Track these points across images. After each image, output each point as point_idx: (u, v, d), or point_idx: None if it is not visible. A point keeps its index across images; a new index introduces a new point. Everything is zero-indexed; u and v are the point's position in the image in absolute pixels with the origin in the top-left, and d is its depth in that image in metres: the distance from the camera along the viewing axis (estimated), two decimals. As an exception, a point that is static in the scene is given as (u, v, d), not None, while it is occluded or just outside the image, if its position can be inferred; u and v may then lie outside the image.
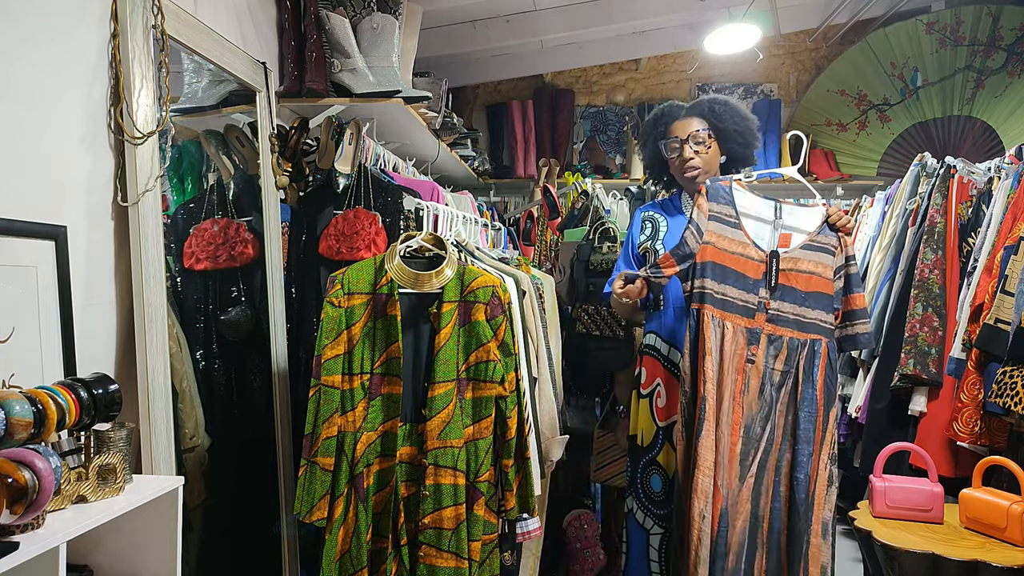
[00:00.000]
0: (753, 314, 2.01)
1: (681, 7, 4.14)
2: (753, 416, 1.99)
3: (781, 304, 2.02)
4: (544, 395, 2.26)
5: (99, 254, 1.56)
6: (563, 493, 3.12)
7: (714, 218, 2.05)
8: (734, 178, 2.11)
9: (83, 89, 1.51)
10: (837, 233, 2.08)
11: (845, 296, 2.08)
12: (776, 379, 2.00)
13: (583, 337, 2.80)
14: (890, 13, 4.64)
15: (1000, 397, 2.09)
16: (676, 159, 2.29)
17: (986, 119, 4.63)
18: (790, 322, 2.01)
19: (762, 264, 2.03)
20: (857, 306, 2.08)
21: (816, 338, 2.01)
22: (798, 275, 2.03)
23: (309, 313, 2.23)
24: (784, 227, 2.07)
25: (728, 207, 2.06)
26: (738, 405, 1.98)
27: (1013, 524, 1.91)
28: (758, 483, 1.98)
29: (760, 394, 2.00)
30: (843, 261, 2.08)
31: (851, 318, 2.09)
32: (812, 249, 2.05)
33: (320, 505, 1.74)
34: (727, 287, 2.02)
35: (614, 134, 5.20)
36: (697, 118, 2.28)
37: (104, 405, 1.26)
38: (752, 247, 2.05)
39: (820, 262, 2.04)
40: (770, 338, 2.01)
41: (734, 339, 2.00)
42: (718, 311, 2.01)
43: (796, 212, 2.08)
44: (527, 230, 4.01)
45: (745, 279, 2.03)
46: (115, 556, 1.35)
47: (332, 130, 2.33)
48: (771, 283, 2.01)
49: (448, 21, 3.86)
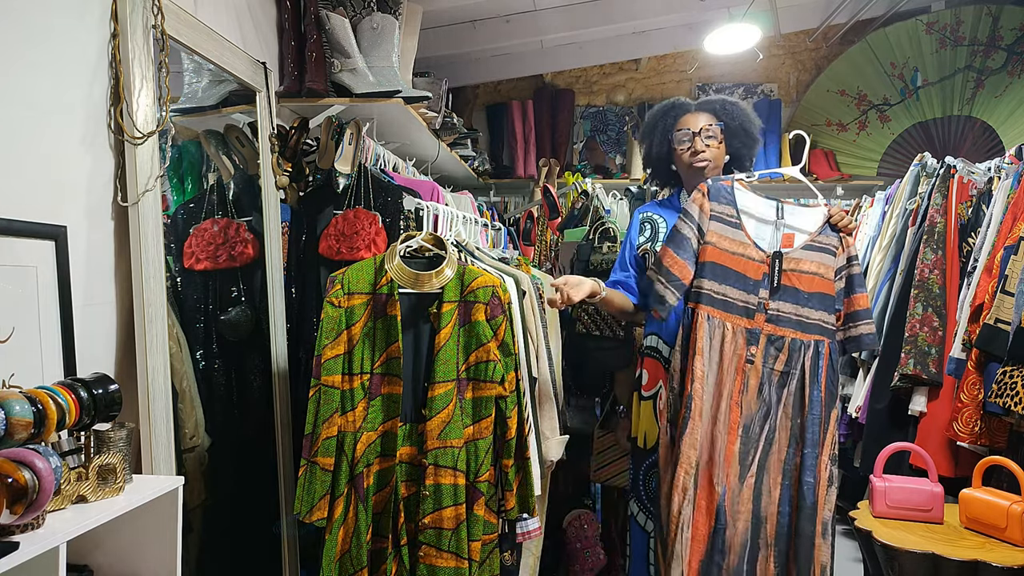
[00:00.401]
0: (752, 314, 2.01)
1: (681, 7, 4.14)
2: (752, 416, 1.99)
3: (781, 304, 2.01)
4: (544, 395, 2.26)
5: (99, 254, 1.56)
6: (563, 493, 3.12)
7: (715, 218, 2.04)
8: (736, 178, 2.10)
9: (83, 89, 1.51)
10: (839, 234, 2.07)
11: (847, 297, 2.07)
12: (775, 379, 2.00)
13: (583, 337, 2.80)
14: (890, 13, 4.64)
15: (1000, 397, 2.09)
16: (687, 150, 2.27)
17: (986, 119, 4.63)
18: (791, 323, 2.01)
19: (763, 265, 2.03)
20: (860, 306, 2.07)
21: (819, 339, 2.01)
22: (800, 275, 2.02)
23: (309, 313, 2.23)
24: (787, 227, 2.06)
25: (729, 207, 2.06)
26: (736, 405, 1.98)
27: (1013, 524, 1.91)
28: (759, 483, 1.98)
29: (759, 394, 1.99)
30: (844, 262, 2.07)
31: (854, 319, 2.08)
32: (814, 249, 2.04)
33: (320, 505, 1.74)
34: (727, 287, 2.01)
35: (614, 134, 5.20)
36: (708, 114, 2.28)
37: (104, 405, 1.26)
38: (753, 247, 2.04)
39: (822, 263, 2.03)
40: (770, 338, 2.00)
41: (734, 340, 1.99)
42: (718, 312, 2.00)
43: (798, 212, 2.08)
44: (527, 230, 4.01)
45: (746, 280, 2.02)
46: (115, 556, 1.35)
47: (332, 130, 2.33)
48: (774, 284, 2.01)
49: (448, 21, 3.86)
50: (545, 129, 5.06)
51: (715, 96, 2.36)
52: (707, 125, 2.25)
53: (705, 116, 2.28)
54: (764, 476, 1.98)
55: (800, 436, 1.98)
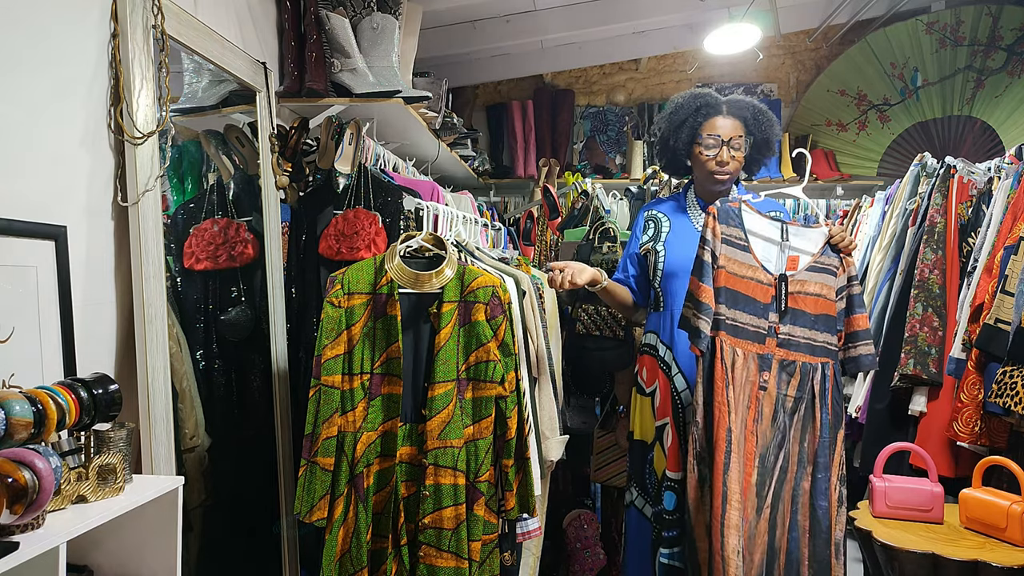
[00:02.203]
0: (764, 339, 1.96)
1: (681, 7, 4.14)
2: (768, 445, 1.94)
3: (792, 328, 1.97)
4: (544, 395, 2.26)
5: (99, 254, 1.56)
6: (563, 493, 3.12)
7: (726, 241, 1.99)
8: (743, 199, 2.07)
9: (83, 89, 1.51)
10: (839, 254, 2.04)
11: (847, 317, 2.04)
12: (789, 405, 1.95)
13: (583, 337, 2.80)
14: (890, 13, 4.64)
15: (1000, 397, 2.09)
16: (712, 158, 2.21)
17: (986, 119, 4.63)
18: (801, 346, 1.97)
19: (771, 288, 1.98)
20: (860, 327, 2.04)
21: (826, 361, 1.98)
22: (806, 298, 1.99)
23: (309, 313, 2.23)
24: (792, 249, 2.02)
25: (738, 229, 2.01)
26: (751, 434, 1.93)
27: (1013, 524, 1.91)
28: (774, 513, 1.94)
29: (773, 422, 1.95)
30: (845, 282, 2.04)
31: (854, 340, 2.04)
32: (817, 271, 2.01)
33: (320, 505, 1.74)
34: (738, 312, 1.96)
35: (614, 134, 5.20)
36: (739, 122, 2.22)
37: (104, 405, 1.26)
38: (761, 271, 1.99)
39: (825, 283, 2.00)
40: (782, 364, 1.96)
41: (745, 366, 1.94)
42: (730, 338, 1.94)
43: (801, 233, 2.04)
44: (527, 230, 4.01)
45: (755, 303, 1.97)
46: (115, 556, 1.35)
47: (332, 130, 2.33)
48: (781, 307, 1.97)
49: (448, 21, 3.86)
50: (545, 129, 5.06)
51: (745, 99, 2.28)
52: (737, 136, 2.20)
53: (735, 124, 2.21)
54: (779, 506, 1.94)
55: (811, 460, 1.94)
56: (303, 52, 2.41)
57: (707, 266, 1.96)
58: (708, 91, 2.30)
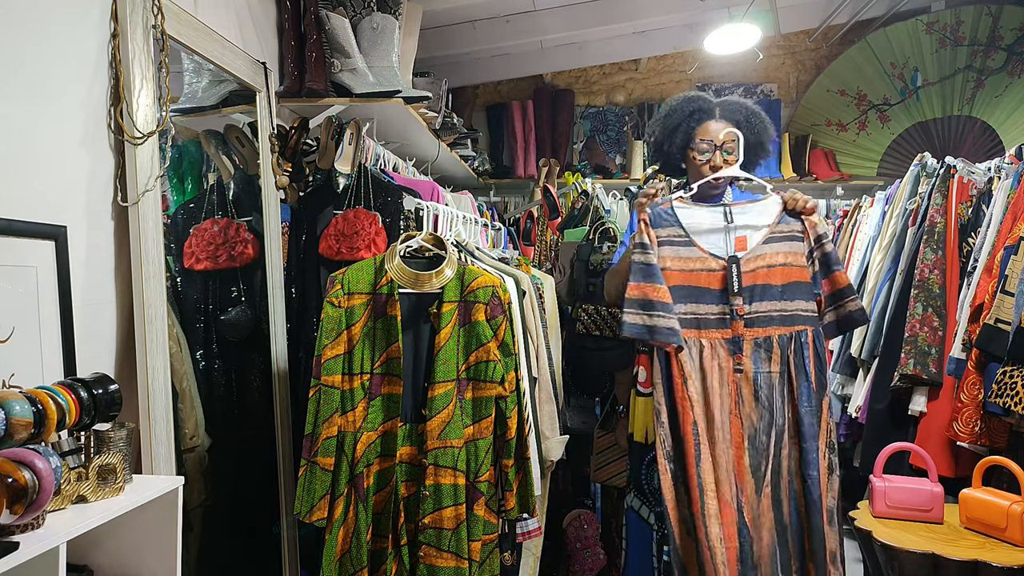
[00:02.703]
0: (728, 323, 1.98)
1: (681, 7, 4.14)
2: (756, 427, 1.96)
3: (758, 305, 1.98)
4: (544, 395, 2.26)
5: (99, 254, 1.56)
6: (563, 493, 3.13)
7: (664, 243, 2.01)
8: (672, 197, 2.07)
9: (83, 89, 1.51)
10: (800, 217, 2.03)
11: (826, 278, 2.02)
12: (775, 381, 1.97)
13: (583, 337, 2.80)
14: (890, 13, 4.64)
15: (1000, 397, 2.09)
16: (705, 163, 2.21)
17: (986, 119, 4.63)
18: (773, 320, 1.98)
19: (723, 272, 2.00)
20: (842, 284, 2.01)
21: (801, 329, 1.98)
22: (770, 271, 1.99)
23: (309, 313, 2.23)
24: (738, 229, 2.02)
25: (675, 228, 2.03)
26: (735, 418, 1.95)
27: (1013, 524, 1.91)
28: (776, 490, 1.95)
29: (756, 401, 1.97)
30: (813, 243, 2.02)
31: (840, 297, 2.02)
32: (777, 240, 2.00)
33: (320, 505, 1.74)
34: (695, 305, 1.99)
35: (614, 134, 5.20)
36: (732, 125, 2.21)
37: (104, 405, 1.26)
38: (711, 259, 2.01)
39: (790, 251, 2.00)
40: (756, 342, 1.98)
41: (715, 354, 1.96)
42: (692, 331, 1.98)
43: (747, 210, 2.04)
44: (527, 230, 4.01)
45: (712, 292, 2.00)
46: (115, 556, 1.35)
47: (332, 130, 2.33)
48: (734, 288, 1.98)
49: (448, 21, 3.86)
50: (545, 129, 5.06)
51: (737, 100, 2.28)
52: (730, 140, 2.19)
53: (728, 128, 2.20)
54: (780, 482, 1.96)
55: (796, 430, 1.96)
56: (303, 52, 2.41)
57: (653, 267, 1.98)
58: (701, 94, 2.30)
